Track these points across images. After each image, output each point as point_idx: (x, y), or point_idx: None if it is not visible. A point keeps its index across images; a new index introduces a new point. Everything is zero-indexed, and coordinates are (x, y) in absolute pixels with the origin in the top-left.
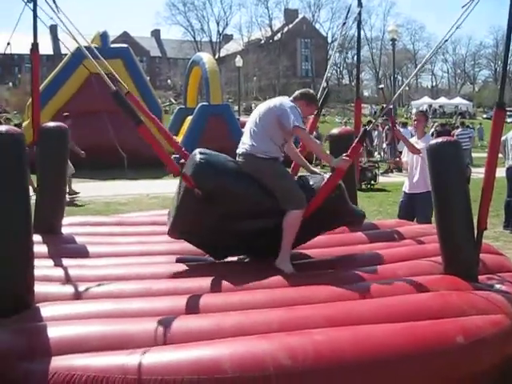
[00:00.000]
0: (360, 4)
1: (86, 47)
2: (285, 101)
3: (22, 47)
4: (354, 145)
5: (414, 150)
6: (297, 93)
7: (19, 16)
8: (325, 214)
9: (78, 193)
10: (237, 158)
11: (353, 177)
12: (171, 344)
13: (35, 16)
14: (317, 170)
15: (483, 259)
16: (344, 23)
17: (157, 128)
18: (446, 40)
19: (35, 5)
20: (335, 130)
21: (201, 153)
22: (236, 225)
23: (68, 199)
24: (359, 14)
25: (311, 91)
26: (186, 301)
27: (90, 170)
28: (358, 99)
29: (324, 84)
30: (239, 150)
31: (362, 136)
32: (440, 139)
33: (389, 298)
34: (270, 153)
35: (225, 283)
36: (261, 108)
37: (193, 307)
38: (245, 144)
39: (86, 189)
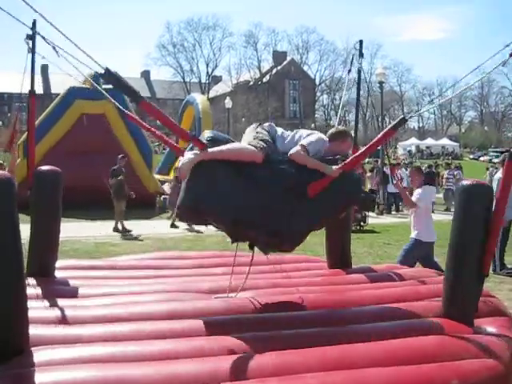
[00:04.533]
0: (361, 54)
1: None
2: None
3: (12, 86)
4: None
5: (409, 204)
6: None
7: (26, 61)
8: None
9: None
10: None
11: (347, 220)
12: None
13: (33, 60)
14: None
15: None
16: (349, 70)
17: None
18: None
19: (34, 47)
20: None
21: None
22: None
23: None
24: (360, 64)
25: (339, 128)
26: (178, 344)
27: (77, 210)
28: (355, 146)
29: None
30: None
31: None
32: (473, 181)
33: (384, 341)
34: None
35: (220, 325)
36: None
37: (187, 351)
38: None
39: (74, 229)
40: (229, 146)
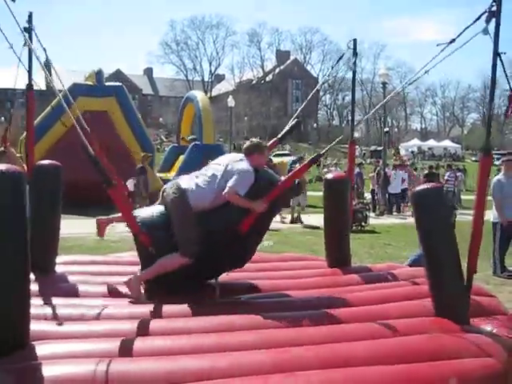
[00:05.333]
0: (355, 54)
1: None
2: (239, 164)
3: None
4: (301, 166)
5: None
6: (245, 149)
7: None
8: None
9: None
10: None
11: (346, 220)
12: None
13: (30, 54)
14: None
15: (475, 301)
16: (332, 67)
17: None
18: (415, 80)
19: (30, 39)
20: (329, 175)
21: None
22: None
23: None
24: (354, 63)
25: (253, 140)
26: (179, 341)
27: (79, 206)
28: (352, 142)
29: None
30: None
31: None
32: (423, 186)
33: (383, 340)
34: (196, 200)
35: (218, 323)
36: (219, 161)
37: (186, 347)
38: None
39: (75, 226)
40: (157, 266)
